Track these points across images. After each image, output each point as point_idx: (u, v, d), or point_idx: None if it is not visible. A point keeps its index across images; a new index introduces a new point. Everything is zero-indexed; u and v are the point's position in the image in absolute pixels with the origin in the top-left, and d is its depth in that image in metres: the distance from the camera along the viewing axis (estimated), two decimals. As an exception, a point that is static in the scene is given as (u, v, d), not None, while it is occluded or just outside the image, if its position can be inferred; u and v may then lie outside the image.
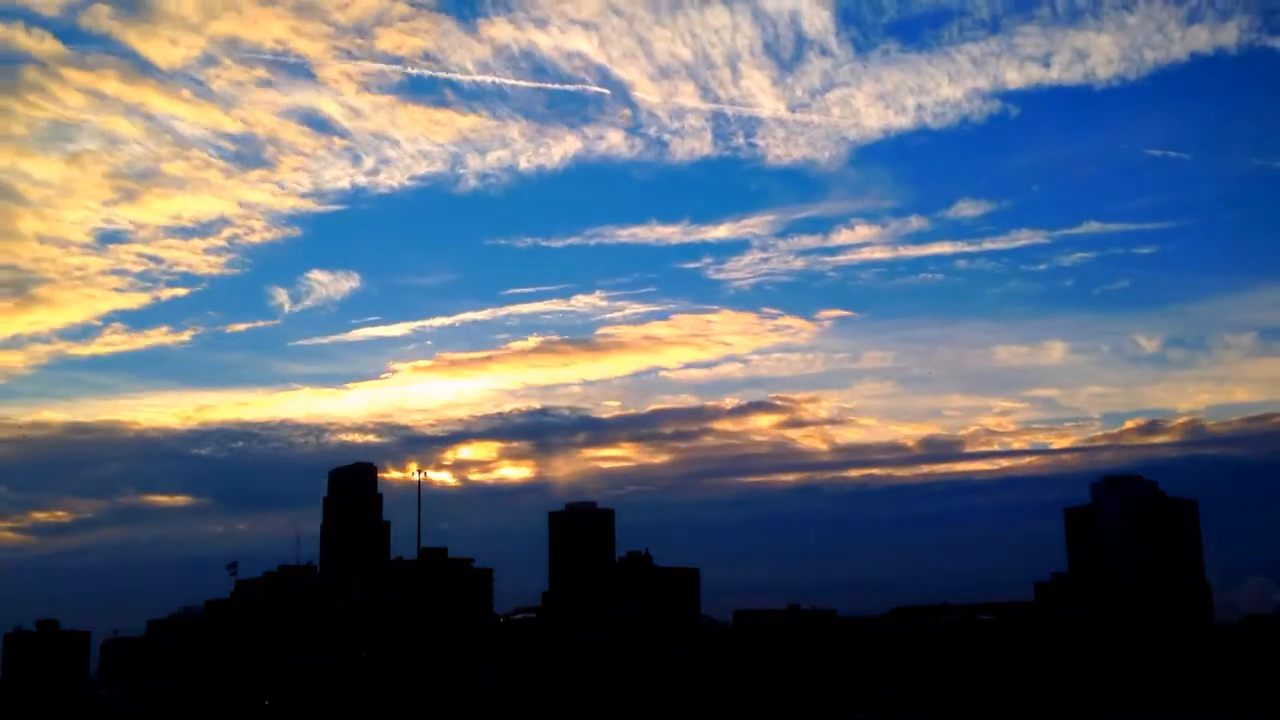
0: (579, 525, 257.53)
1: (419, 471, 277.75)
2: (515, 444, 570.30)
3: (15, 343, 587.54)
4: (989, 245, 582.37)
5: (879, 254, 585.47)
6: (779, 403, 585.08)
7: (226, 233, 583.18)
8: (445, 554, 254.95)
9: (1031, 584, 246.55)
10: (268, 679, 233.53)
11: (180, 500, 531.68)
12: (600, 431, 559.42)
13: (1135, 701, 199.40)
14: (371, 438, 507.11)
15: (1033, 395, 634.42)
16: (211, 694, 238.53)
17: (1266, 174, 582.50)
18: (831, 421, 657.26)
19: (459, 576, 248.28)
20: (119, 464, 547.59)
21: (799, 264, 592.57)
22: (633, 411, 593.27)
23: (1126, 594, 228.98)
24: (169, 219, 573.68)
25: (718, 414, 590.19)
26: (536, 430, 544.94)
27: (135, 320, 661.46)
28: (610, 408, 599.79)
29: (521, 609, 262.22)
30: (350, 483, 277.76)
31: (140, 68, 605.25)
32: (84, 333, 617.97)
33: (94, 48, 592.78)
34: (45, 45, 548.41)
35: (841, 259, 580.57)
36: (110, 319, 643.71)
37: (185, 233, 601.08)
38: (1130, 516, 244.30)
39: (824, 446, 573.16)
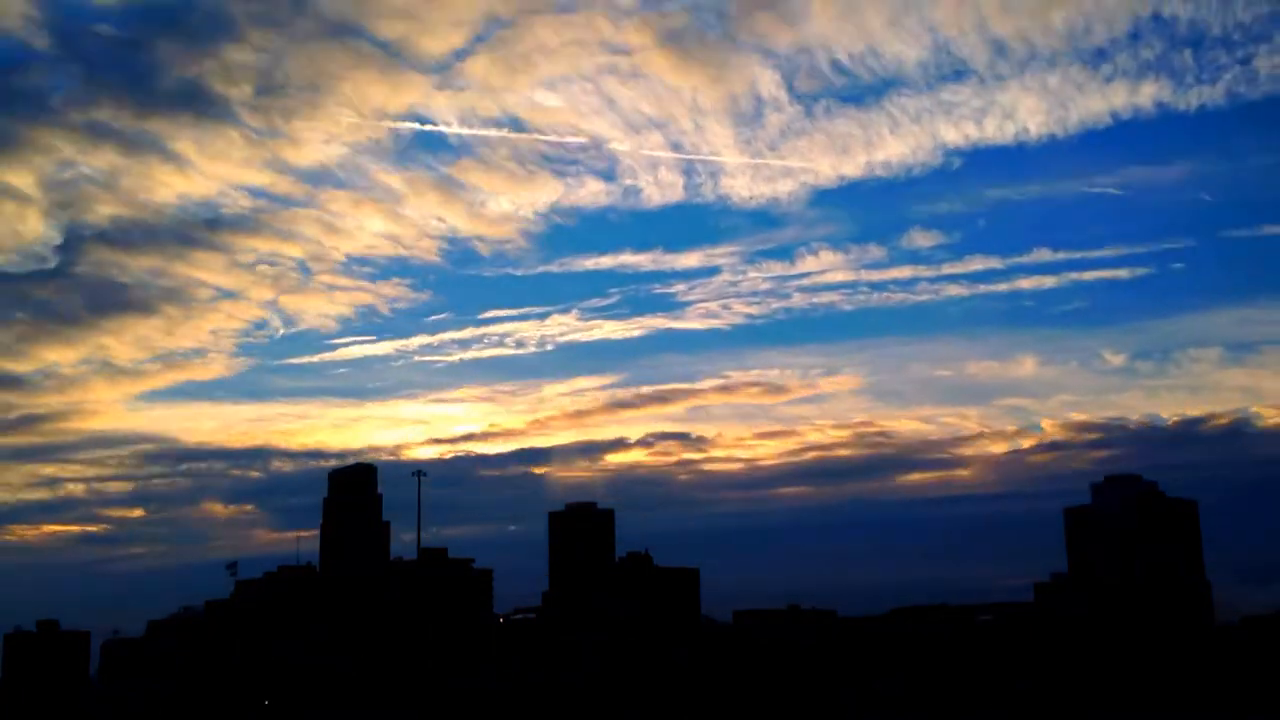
0: (579, 525, 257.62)
1: (418, 473, 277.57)
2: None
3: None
4: (947, 270, 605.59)
5: (841, 277, 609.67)
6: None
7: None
8: (445, 554, 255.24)
9: (1031, 584, 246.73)
10: (268, 679, 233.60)
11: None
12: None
13: (1135, 702, 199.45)
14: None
15: (1007, 404, 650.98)
16: (211, 694, 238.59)
17: (1200, 210, 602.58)
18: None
19: (459, 577, 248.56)
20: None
21: (765, 285, 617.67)
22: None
23: (1126, 594, 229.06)
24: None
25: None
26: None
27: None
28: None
29: (521, 609, 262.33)
30: (350, 483, 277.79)
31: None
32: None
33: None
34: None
35: (806, 282, 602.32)
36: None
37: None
38: (1130, 516, 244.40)
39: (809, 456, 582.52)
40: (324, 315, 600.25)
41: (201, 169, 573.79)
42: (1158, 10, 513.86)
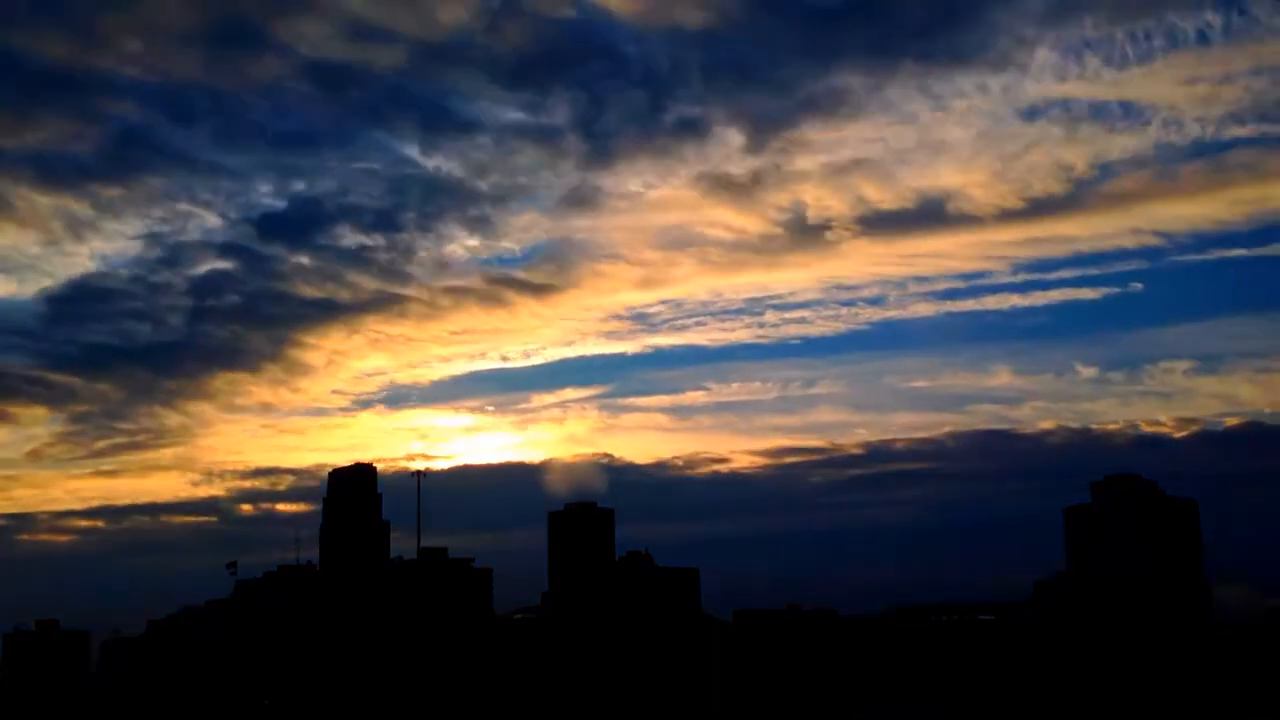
0: (579, 525, 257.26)
1: (418, 473, 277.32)
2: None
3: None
4: (913, 289, 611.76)
5: (811, 296, 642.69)
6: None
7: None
8: (445, 554, 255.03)
9: (1031, 584, 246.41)
10: (268, 679, 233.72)
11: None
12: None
13: (1135, 702, 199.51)
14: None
15: (984, 411, 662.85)
16: (211, 694, 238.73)
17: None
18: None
19: (459, 576, 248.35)
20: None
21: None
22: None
23: (1126, 594, 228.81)
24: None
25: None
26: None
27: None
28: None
29: (521, 609, 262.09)
30: (350, 483, 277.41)
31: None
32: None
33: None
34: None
35: (777, 301, 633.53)
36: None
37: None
38: (1130, 516, 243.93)
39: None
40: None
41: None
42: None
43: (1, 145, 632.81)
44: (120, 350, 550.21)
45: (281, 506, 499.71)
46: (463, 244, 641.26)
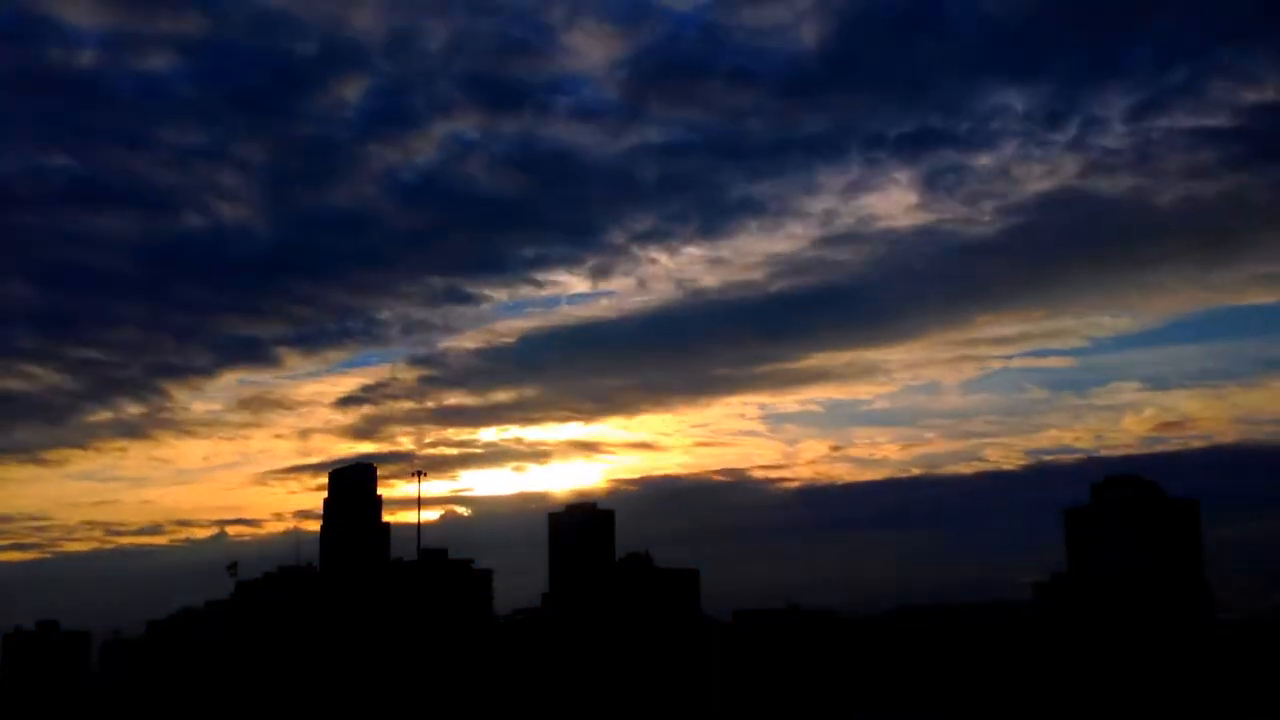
0: (579, 525, 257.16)
1: (418, 473, 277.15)
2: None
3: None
4: None
5: None
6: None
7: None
8: (445, 554, 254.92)
9: (1031, 584, 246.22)
10: (268, 679, 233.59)
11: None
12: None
13: (1136, 702, 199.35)
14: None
15: (935, 425, 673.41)
16: (211, 694, 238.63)
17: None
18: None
19: (459, 578, 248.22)
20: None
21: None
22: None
23: (1126, 594, 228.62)
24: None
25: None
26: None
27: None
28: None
29: (521, 610, 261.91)
30: (350, 484, 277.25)
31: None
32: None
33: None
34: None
35: None
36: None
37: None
38: (1130, 516, 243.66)
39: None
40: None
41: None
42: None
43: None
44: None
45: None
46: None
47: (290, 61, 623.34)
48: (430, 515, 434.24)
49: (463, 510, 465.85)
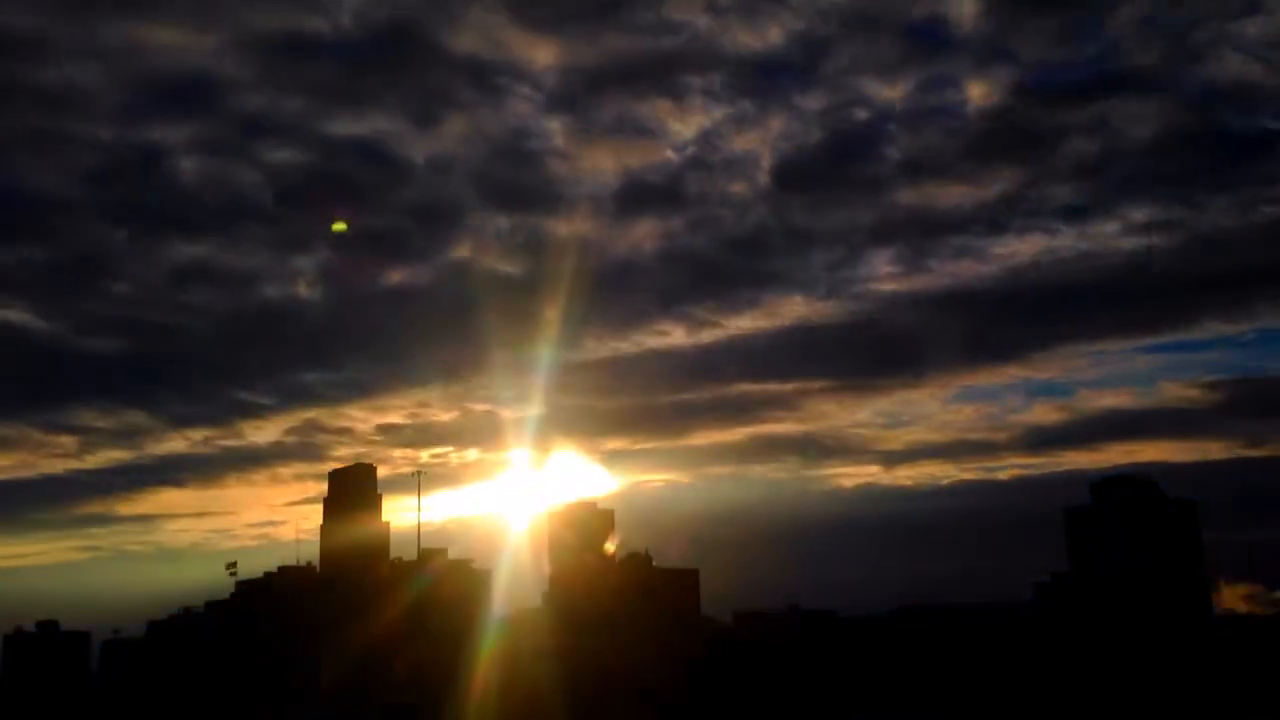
0: (579, 525, 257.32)
1: (418, 472, 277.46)
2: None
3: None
4: None
5: None
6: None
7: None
8: (445, 555, 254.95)
9: (1031, 584, 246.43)
10: (268, 679, 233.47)
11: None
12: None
13: (1136, 702, 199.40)
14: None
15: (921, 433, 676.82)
16: (212, 694, 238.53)
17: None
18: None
19: (459, 577, 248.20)
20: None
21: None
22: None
23: (1126, 594, 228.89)
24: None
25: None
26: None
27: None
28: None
29: (521, 610, 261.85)
30: (350, 483, 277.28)
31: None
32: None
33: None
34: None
35: None
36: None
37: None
38: (1130, 516, 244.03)
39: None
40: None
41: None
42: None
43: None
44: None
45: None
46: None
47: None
48: (430, 515, 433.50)
49: (463, 510, 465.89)
